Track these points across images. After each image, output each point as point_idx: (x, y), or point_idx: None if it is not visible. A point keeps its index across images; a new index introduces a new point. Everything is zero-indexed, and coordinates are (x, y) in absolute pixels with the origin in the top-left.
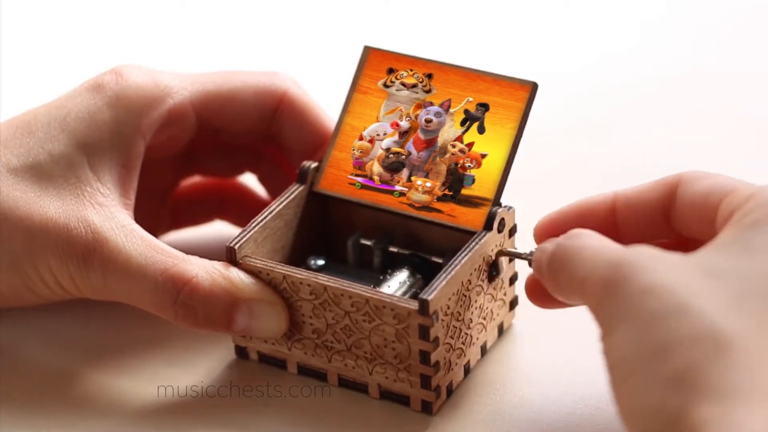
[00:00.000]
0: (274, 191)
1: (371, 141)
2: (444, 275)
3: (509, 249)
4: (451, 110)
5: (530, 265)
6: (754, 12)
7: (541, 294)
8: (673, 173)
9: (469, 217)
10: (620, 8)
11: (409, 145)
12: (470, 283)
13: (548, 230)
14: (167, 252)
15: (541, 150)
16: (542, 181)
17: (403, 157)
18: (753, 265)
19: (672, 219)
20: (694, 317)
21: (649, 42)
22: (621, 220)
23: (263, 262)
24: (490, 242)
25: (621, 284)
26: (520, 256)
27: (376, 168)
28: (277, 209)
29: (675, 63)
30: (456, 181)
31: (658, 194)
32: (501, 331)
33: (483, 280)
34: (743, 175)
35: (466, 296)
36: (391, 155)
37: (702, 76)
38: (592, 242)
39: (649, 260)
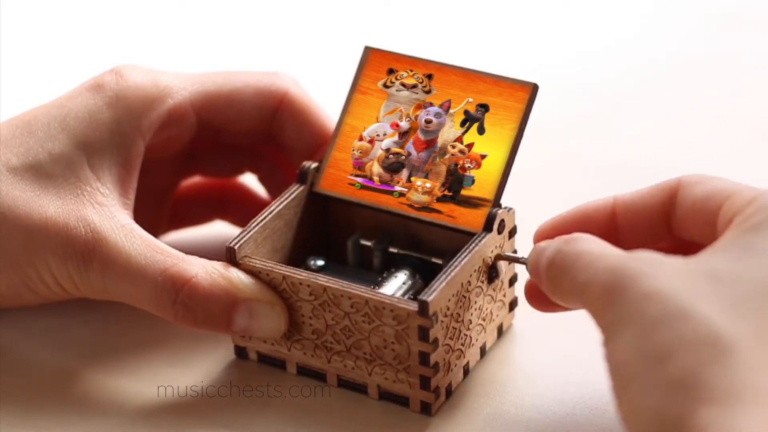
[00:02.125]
0: (274, 191)
1: (371, 141)
2: (444, 276)
3: (507, 253)
4: (451, 111)
5: (527, 269)
6: (751, 7)
7: (541, 298)
8: (673, 176)
9: (469, 218)
10: (620, 8)
11: (409, 146)
12: (470, 285)
13: (548, 236)
14: (167, 252)
15: (543, 150)
16: (543, 183)
17: (403, 157)
18: (754, 268)
19: (672, 223)
20: (694, 322)
21: (649, 41)
22: (621, 225)
23: (263, 263)
24: (490, 243)
25: (623, 291)
26: (518, 260)
27: (376, 168)
28: (277, 209)
29: (675, 61)
30: (456, 181)
31: (658, 199)
32: (500, 332)
33: (483, 282)
34: (742, 171)
35: (465, 297)
36: (391, 156)
37: (700, 73)
38: (591, 247)
39: (650, 265)
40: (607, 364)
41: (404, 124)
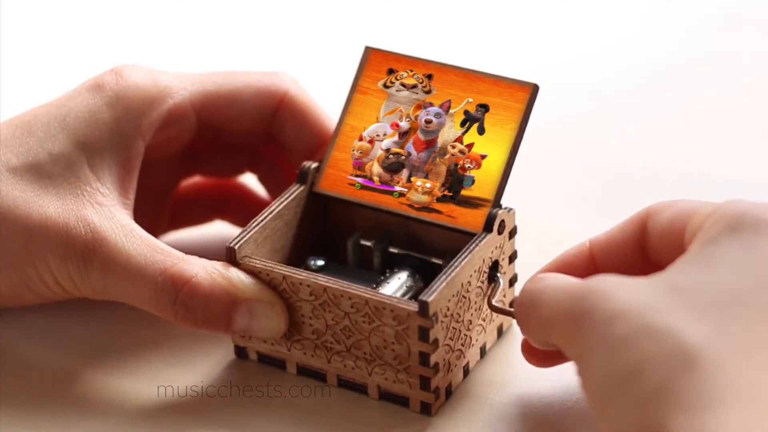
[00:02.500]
0: (274, 191)
1: (371, 141)
2: (444, 277)
3: (499, 306)
4: (451, 111)
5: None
6: (751, 7)
7: (534, 351)
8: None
9: (469, 218)
10: (620, 8)
11: (409, 146)
12: (470, 285)
13: None
14: (167, 252)
15: (543, 150)
16: (543, 183)
17: (403, 157)
18: (712, 277)
19: (648, 253)
20: (661, 335)
21: (649, 41)
22: (600, 266)
23: (263, 263)
24: (490, 244)
25: (587, 316)
26: (509, 313)
27: (376, 168)
28: (277, 209)
29: (675, 61)
30: (456, 182)
31: (631, 232)
32: (500, 332)
33: (482, 282)
34: (742, 171)
35: (465, 298)
36: (391, 156)
37: (700, 73)
38: (552, 282)
39: (611, 287)
40: (583, 391)
41: (404, 124)
